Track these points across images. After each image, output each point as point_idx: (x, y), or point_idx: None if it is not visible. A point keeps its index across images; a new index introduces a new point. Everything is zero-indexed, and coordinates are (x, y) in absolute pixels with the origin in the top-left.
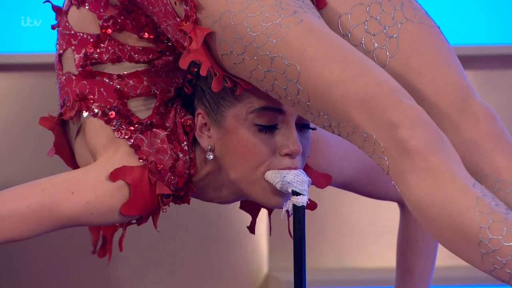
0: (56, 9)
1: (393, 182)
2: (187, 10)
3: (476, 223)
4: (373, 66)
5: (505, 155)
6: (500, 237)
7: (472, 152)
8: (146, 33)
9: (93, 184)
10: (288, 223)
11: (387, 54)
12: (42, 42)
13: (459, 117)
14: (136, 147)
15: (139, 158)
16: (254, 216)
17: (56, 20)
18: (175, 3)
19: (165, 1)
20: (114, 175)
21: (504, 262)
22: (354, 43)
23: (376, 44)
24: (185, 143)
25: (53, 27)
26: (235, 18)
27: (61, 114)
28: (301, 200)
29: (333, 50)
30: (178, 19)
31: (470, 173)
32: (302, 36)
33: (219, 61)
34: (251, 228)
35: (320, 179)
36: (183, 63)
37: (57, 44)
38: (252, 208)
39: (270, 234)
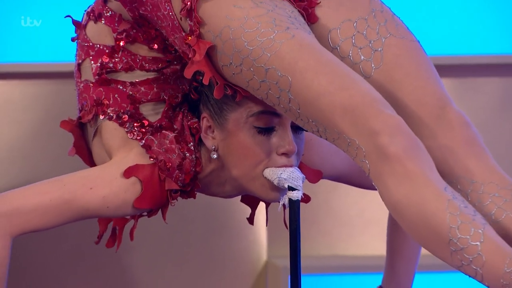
0: (75, 23)
1: (373, 183)
2: (192, 25)
3: (446, 224)
4: (357, 78)
5: (477, 159)
6: (468, 237)
7: (448, 156)
8: (155, 45)
9: (109, 180)
10: (284, 215)
11: (372, 66)
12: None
13: (436, 125)
14: (147, 147)
15: (150, 157)
16: (253, 208)
17: (75, 33)
18: (180, 18)
19: (172, 17)
20: (128, 172)
21: (470, 259)
22: (342, 55)
23: (362, 57)
24: (191, 143)
25: (73, 39)
26: (234, 33)
27: (79, 118)
28: (296, 195)
29: (322, 64)
30: (183, 33)
31: (446, 175)
32: (294, 50)
33: (220, 71)
34: (251, 220)
35: (312, 175)
36: (188, 73)
37: (76, 54)
38: (251, 201)
39: (266, 225)
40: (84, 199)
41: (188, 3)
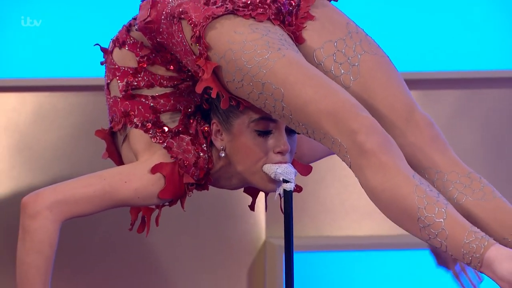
0: (103, 49)
1: (354, 174)
2: (200, 49)
3: (415, 205)
4: (338, 88)
5: (441, 152)
6: (433, 215)
7: (416, 151)
8: (171, 66)
9: (139, 175)
10: (280, 202)
11: (351, 78)
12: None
13: (406, 125)
14: (168, 149)
15: (171, 157)
16: (254, 197)
17: (104, 58)
18: (191, 44)
19: (184, 43)
20: (154, 169)
21: (436, 233)
22: (326, 70)
23: (342, 71)
24: (204, 145)
25: (102, 63)
26: (235, 54)
27: (111, 128)
28: (289, 186)
29: (308, 77)
30: (194, 56)
31: (416, 167)
32: (285, 67)
33: (225, 86)
34: (252, 207)
35: (303, 169)
36: (199, 89)
37: (105, 75)
38: (252, 192)
39: (266, 211)
40: (120, 190)
41: (197, 31)
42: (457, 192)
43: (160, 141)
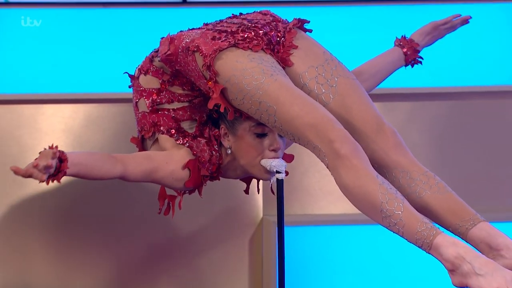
0: (131, 76)
1: (330, 172)
2: (210, 74)
3: (379, 200)
4: (318, 106)
5: (403, 155)
6: (393, 208)
7: (385, 155)
8: (186, 86)
9: (175, 160)
10: (271, 187)
11: (330, 96)
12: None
13: (376, 135)
14: (191, 148)
15: (193, 154)
16: (248, 184)
17: (131, 82)
18: (203, 70)
19: (197, 70)
20: (185, 165)
21: (395, 222)
22: (310, 89)
23: (323, 90)
24: (216, 145)
25: (130, 87)
26: (237, 79)
27: (142, 136)
28: (281, 176)
29: (295, 97)
30: (205, 80)
31: (384, 167)
32: (276, 89)
33: (230, 103)
34: (246, 191)
35: (287, 158)
36: (210, 105)
37: (133, 96)
38: (246, 180)
39: (258, 193)
40: (162, 169)
41: (208, 61)
42: (418, 188)
43: (183, 143)
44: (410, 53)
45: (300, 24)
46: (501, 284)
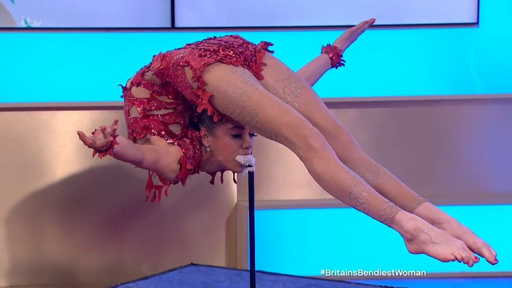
0: (124, 88)
1: (304, 163)
2: (199, 85)
3: (348, 184)
4: (292, 109)
5: (356, 152)
6: (360, 191)
7: (342, 152)
8: (171, 96)
9: (171, 155)
10: (234, 176)
11: (296, 104)
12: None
13: (334, 135)
14: (180, 146)
15: (182, 151)
16: (213, 176)
17: (123, 93)
18: (191, 81)
19: (186, 81)
20: (179, 160)
21: (362, 202)
22: (279, 98)
23: (289, 99)
24: (197, 145)
25: (121, 96)
26: (223, 87)
27: (134, 137)
28: (252, 169)
29: (273, 102)
30: (193, 89)
31: (343, 161)
32: (258, 96)
33: (216, 108)
34: (212, 182)
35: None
36: (199, 109)
37: (125, 104)
38: (212, 173)
39: (235, 182)
40: (163, 159)
41: (197, 73)
42: (371, 176)
43: (173, 142)
44: (335, 58)
45: (266, 46)
46: (453, 250)
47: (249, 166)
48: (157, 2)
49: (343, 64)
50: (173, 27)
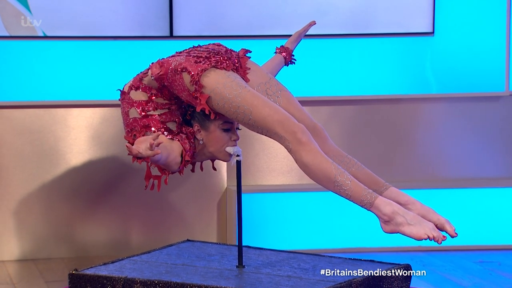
0: (122, 92)
1: (292, 155)
2: (197, 87)
3: (333, 173)
4: (280, 107)
5: (330, 146)
6: (344, 179)
7: (319, 145)
8: (166, 97)
9: (175, 149)
10: (213, 165)
11: (278, 104)
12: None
13: (312, 132)
14: (178, 140)
15: (182, 145)
16: (193, 166)
17: (121, 97)
18: (189, 85)
19: (183, 85)
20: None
21: (345, 189)
22: None
23: (272, 99)
24: (192, 139)
25: (119, 100)
26: (220, 90)
27: (134, 135)
28: (239, 159)
29: (264, 102)
30: (190, 92)
31: None
32: (251, 96)
33: (212, 108)
34: (192, 170)
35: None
36: (198, 109)
37: (123, 106)
38: (193, 163)
39: (214, 170)
40: (172, 153)
41: (196, 77)
42: (344, 167)
43: (172, 138)
44: (288, 57)
45: (246, 52)
46: (426, 230)
47: (237, 156)
48: (157, 13)
49: (294, 62)
50: (171, 35)
